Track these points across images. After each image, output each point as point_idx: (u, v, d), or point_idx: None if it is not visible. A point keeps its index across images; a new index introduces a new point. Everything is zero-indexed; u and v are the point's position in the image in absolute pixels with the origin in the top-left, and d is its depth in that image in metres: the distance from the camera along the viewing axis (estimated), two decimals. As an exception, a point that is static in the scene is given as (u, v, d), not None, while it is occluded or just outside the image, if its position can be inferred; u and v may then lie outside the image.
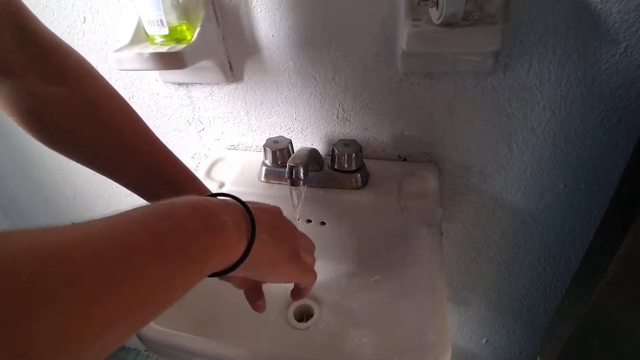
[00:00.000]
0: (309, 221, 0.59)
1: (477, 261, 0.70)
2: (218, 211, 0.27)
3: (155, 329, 0.43)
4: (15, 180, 0.90)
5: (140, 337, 0.43)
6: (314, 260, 0.41)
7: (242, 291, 0.55)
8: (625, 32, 0.43)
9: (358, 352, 0.54)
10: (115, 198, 0.86)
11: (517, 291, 0.73)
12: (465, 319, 0.82)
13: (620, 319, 0.47)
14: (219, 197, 0.31)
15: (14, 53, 0.33)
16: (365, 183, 0.57)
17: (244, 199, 0.40)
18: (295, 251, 0.36)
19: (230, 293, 0.58)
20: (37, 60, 0.35)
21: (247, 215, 0.30)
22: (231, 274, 0.29)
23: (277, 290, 0.59)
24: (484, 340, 0.85)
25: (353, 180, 0.56)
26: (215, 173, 0.63)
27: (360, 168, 0.56)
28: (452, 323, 0.84)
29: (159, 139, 0.42)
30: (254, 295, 0.41)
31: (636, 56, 0.44)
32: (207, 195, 0.31)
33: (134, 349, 1.29)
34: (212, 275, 0.28)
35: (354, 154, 0.55)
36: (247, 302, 0.59)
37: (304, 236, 0.41)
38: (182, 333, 0.42)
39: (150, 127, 0.74)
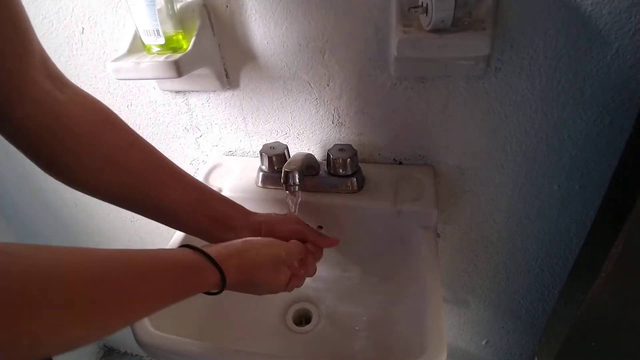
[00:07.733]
0: (307, 225, 0.60)
1: (474, 263, 0.71)
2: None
3: (157, 334, 0.43)
4: (17, 188, 0.91)
5: (140, 343, 0.44)
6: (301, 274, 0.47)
7: (241, 296, 0.56)
8: (617, 33, 0.43)
9: (356, 354, 0.54)
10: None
11: (516, 292, 0.73)
12: (465, 320, 0.82)
13: (615, 318, 0.48)
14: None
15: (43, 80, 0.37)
16: (361, 187, 0.57)
17: (241, 203, 0.49)
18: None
19: (229, 299, 0.59)
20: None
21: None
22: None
23: (275, 294, 0.59)
24: (484, 342, 0.85)
25: (349, 184, 0.56)
26: (213, 179, 0.63)
27: (356, 172, 0.57)
28: (452, 324, 0.84)
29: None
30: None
31: (628, 57, 0.44)
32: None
33: (136, 355, 1.30)
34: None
35: (349, 159, 0.55)
36: (246, 307, 0.60)
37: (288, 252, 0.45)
38: (182, 338, 0.43)
39: (149, 135, 0.75)
